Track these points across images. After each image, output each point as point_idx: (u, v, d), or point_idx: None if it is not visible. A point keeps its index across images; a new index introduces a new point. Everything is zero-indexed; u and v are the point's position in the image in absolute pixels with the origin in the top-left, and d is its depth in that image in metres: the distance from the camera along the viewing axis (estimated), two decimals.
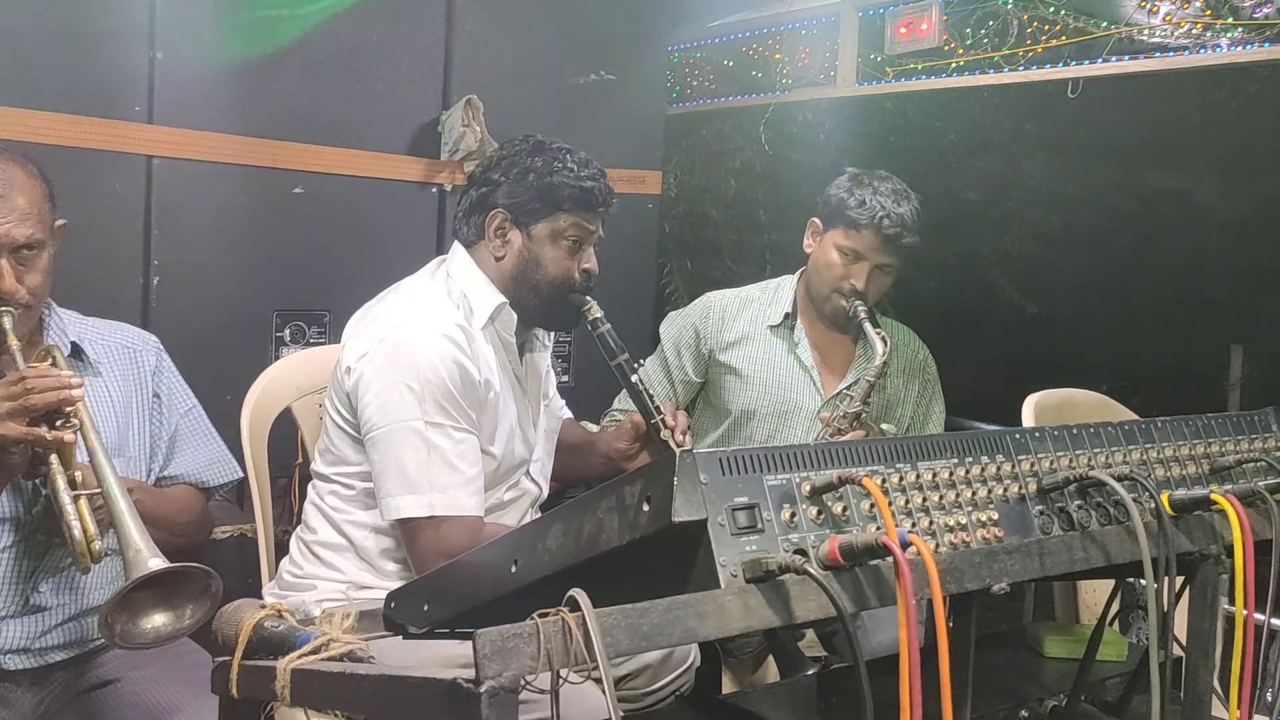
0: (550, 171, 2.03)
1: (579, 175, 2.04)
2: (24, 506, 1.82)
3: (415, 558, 1.93)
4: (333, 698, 1.16)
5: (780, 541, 1.06)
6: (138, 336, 2.08)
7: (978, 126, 3.61)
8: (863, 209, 2.46)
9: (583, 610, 0.93)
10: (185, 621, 1.57)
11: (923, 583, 1.04)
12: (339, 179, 2.75)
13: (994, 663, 1.70)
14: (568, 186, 2.03)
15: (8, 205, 1.77)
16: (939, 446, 1.21)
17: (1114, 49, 2.69)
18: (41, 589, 1.85)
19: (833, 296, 2.54)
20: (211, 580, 1.54)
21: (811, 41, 3.35)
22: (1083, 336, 3.75)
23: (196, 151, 2.54)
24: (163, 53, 2.46)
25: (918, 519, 1.15)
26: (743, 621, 1.00)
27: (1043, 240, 3.71)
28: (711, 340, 2.67)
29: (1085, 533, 1.25)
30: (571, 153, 2.07)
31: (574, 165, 2.05)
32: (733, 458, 1.06)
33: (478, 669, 0.90)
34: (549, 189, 2.03)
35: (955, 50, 2.94)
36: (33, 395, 1.64)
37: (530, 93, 3.00)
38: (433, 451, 1.89)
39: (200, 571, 1.54)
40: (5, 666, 1.82)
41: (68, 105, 2.36)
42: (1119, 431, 1.37)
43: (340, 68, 2.72)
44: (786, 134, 3.63)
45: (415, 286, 2.10)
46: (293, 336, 2.72)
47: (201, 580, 1.54)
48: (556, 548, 1.14)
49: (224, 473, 2.10)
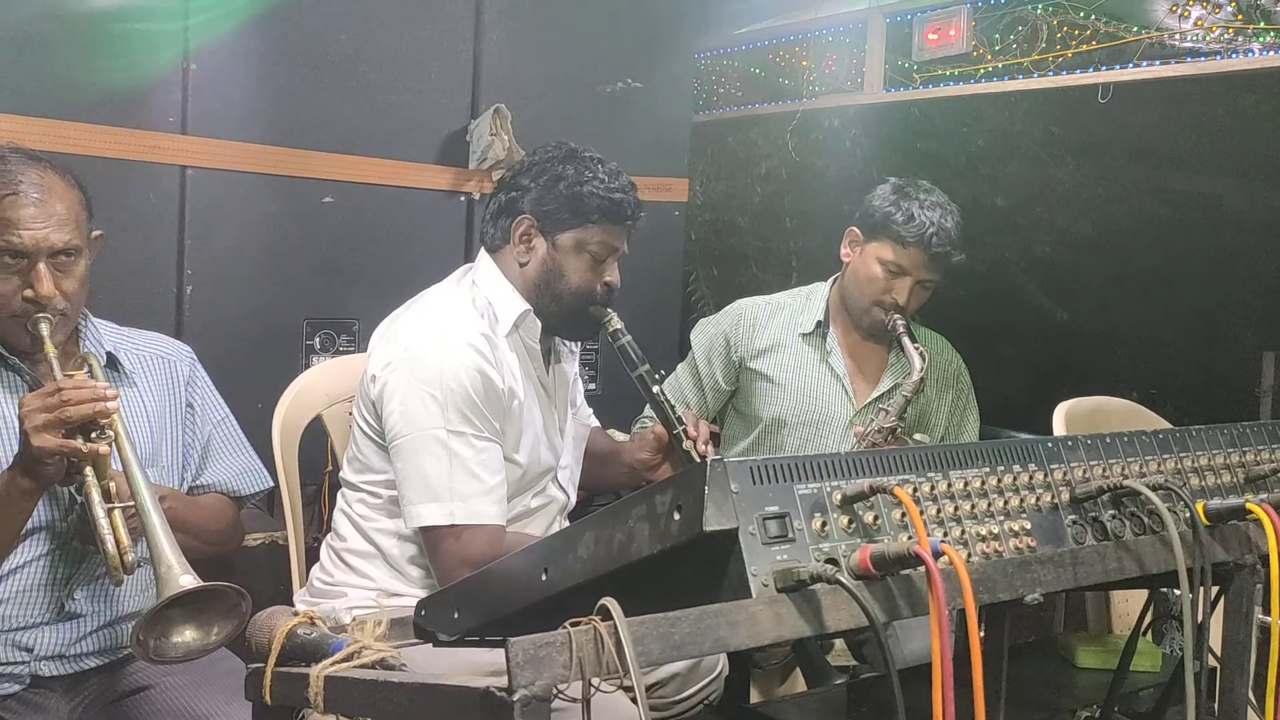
0: (581, 181, 2.02)
1: (609, 187, 2.03)
2: (59, 514, 1.84)
3: (437, 566, 1.94)
4: (365, 705, 1.17)
5: (811, 551, 1.05)
6: (172, 346, 2.10)
7: (1006, 132, 3.59)
8: (911, 225, 2.44)
9: (615, 619, 0.94)
10: (212, 639, 1.58)
11: (955, 593, 1.04)
12: (368, 188, 2.77)
13: (1026, 673, 1.69)
14: (597, 198, 2.02)
15: (46, 211, 1.79)
16: (971, 455, 1.20)
17: (1145, 54, 2.67)
18: (76, 596, 1.86)
19: (872, 309, 2.53)
20: (242, 600, 1.54)
21: (838, 48, 3.35)
22: (1113, 344, 3.71)
23: (229, 161, 2.57)
24: (196, 64, 2.49)
25: (949, 528, 1.15)
26: (774, 631, 1.00)
27: (1073, 247, 3.68)
28: (742, 348, 2.66)
29: (1119, 542, 1.24)
30: (604, 163, 2.06)
31: (605, 176, 2.03)
32: (764, 466, 1.06)
33: (510, 677, 0.90)
34: (578, 199, 2.02)
35: (984, 56, 2.92)
36: (69, 407, 1.66)
37: (558, 101, 3.01)
38: (455, 460, 1.90)
39: (232, 590, 1.55)
40: (40, 673, 1.84)
41: (103, 116, 2.39)
42: (1153, 440, 1.36)
43: (370, 78, 2.74)
44: (813, 141, 3.62)
45: (440, 295, 2.10)
46: (323, 345, 2.74)
47: (232, 599, 1.55)
48: (587, 556, 1.14)
49: (255, 482, 2.11)
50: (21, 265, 1.78)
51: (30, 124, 2.28)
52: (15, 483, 1.69)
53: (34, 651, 1.83)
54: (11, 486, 1.69)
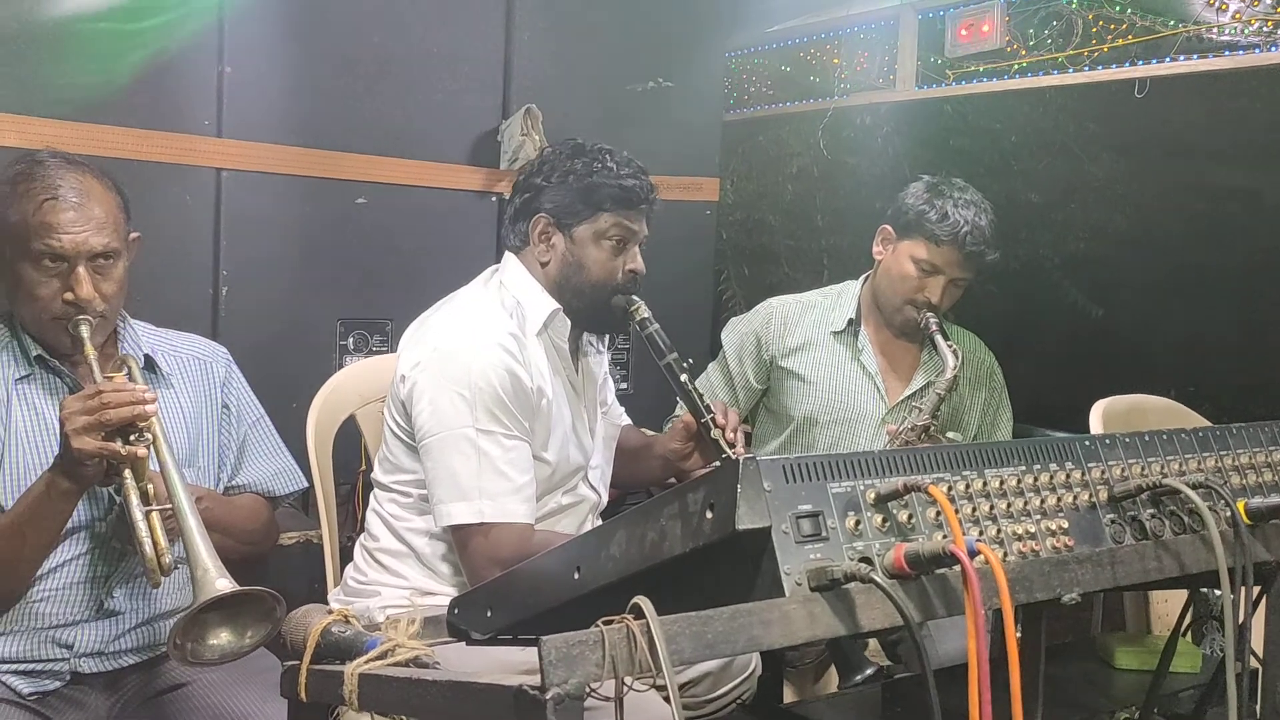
0: (590, 172, 2.03)
1: (618, 174, 2.04)
2: (99, 514, 1.86)
3: (467, 564, 1.95)
4: (399, 703, 1.17)
5: (845, 550, 1.05)
6: (208, 348, 2.12)
7: (1041, 128, 3.56)
8: (945, 223, 2.42)
9: (647, 618, 0.93)
10: (246, 642, 1.58)
11: (991, 592, 1.03)
12: (401, 189, 2.78)
13: (1064, 674, 1.68)
14: (607, 186, 2.03)
15: (85, 214, 1.81)
16: (1006, 453, 1.19)
17: (1182, 48, 2.63)
18: (115, 594, 1.89)
19: (905, 308, 2.51)
20: (277, 605, 1.55)
21: (870, 45, 3.33)
22: (1150, 341, 3.67)
23: (263, 164, 2.58)
24: (231, 67, 2.52)
25: (985, 527, 1.14)
26: (808, 630, 1.00)
27: (1108, 243, 3.64)
28: (773, 346, 2.65)
29: (1159, 542, 1.22)
30: (612, 153, 2.07)
31: (614, 164, 2.05)
32: (797, 465, 1.06)
33: (543, 676, 0.90)
34: (589, 190, 2.03)
35: (1018, 51, 2.90)
36: (108, 410, 1.67)
37: (588, 101, 3.01)
38: (483, 459, 1.91)
39: (267, 595, 1.56)
40: (80, 670, 1.86)
41: (140, 120, 2.42)
42: (1192, 438, 1.34)
43: (401, 79, 2.75)
44: (844, 139, 3.61)
45: (469, 296, 2.12)
46: (356, 345, 2.76)
47: (267, 603, 1.56)
48: (619, 555, 1.14)
49: (290, 483, 2.13)
50: (61, 268, 1.81)
51: (68, 128, 2.30)
52: (56, 484, 1.71)
53: (74, 649, 1.85)
54: (52, 487, 1.71)
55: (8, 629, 1.82)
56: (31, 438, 1.84)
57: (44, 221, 1.79)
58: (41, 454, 1.83)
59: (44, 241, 1.78)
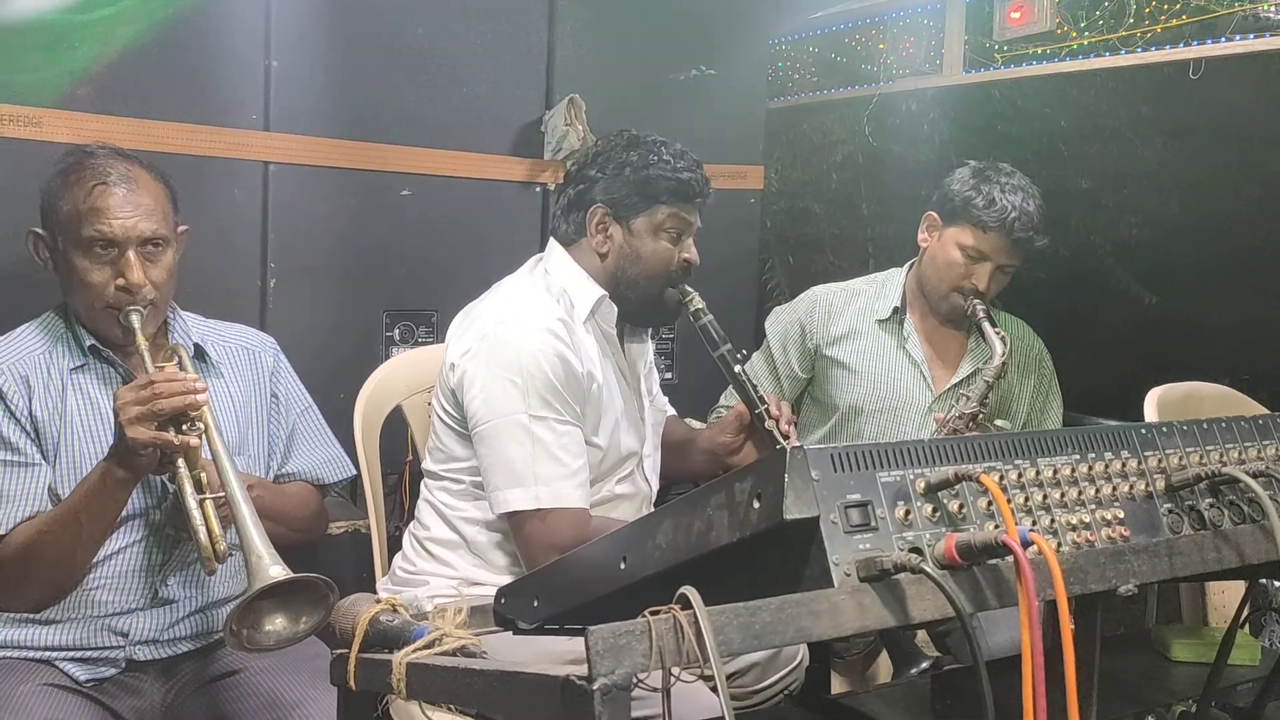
0: (646, 165, 2.04)
1: (675, 167, 2.04)
2: (153, 502, 1.89)
3: (524, 551, 1.95)
4: (447, 692, 1.17)
5: (895, 540, 1.03)
6: (256, 338, 2.14)
7: (1092, 112, 3.49)
8: (992, 209, 2.39)
9: (694, 608, 0.93)
10: (300, 628, 1.60)
11: (1045, 583, 1.01)
12: (445, 180, 2.80)
13: (1119, 667, 1.65)
14: (665, 179, 2.03)
15: (134, 201, 1.85)
16: (1060, 442, 1.17)
17: (1238, 27, 2.57)
18: (169, 582, 1.92)
19: (951, 295, 2.48)
20: (330, 591, 1.57)
21: (916, 30, 3.28)
22: (1204, 328, 3.59)
23: (310, 157, 2.61)
24: (277, 61, 2.54)
25: (1038, 517, 1.12)
26: (858, 621, 0.98)
27: (1161, 228, 3.57)
28: (818, 335, 2.63)
29: (1217, 532, 1.20)
30: (667, 145, 2.08)
31: (670, 157, 2.05)
32: (845, 454, 1.04)
33: (590, 666, 0.90)
34: (646, 182, 2.04)
35: (1069, 34, 2.84)
36: (160, 400, 1.70)
37: (632, 90, 3.00)
38: (537, 444, 1.91)
39: (320, 581, 1.57)
40: (135, 657, 1.89)
41: (189, 115, 2.45)
42: (1252, 426, 1.31)
43: (445, 71, 2.76)
44: (890, 125, 3.56)
45: (515, 284, 2.12)
46: (402, 336, 2.78)
47: (320, 589, 1.58)
48: (666, 545, 1.13)
49: (338, 470, 2.15)
50: (112, 255, 1.84)
51: (119, 123, 2.34)
52: (111, 473, 1.74)
53: (129, 636, 1.88)
54: (107, 476, 1.74)
55: (64, 617, 1.86)
56: (87, 426, 1.87)
57: (94, 207, 1.82)
58: (96, 443, 1.86)
59: (94, 227, 1.82)
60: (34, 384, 1.86)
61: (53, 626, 1.86)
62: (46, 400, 1.86)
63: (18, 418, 1.83)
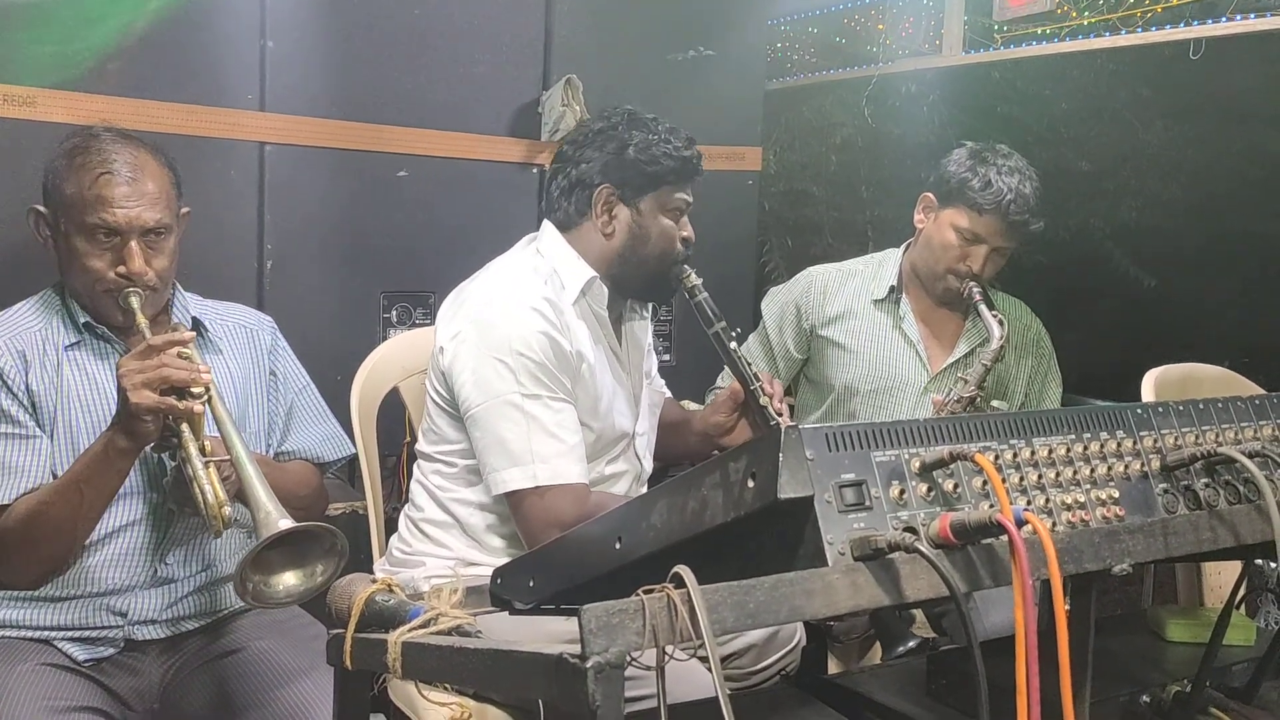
0: (649, 144, 2.03)
1: (676, 146, 2.05)
2: (152, 481, 1.89)
3: (525, 529, 1.95)
4: (442, 670, 1.18)
5: (889, 519, 1.03)
6: (254, 317, 2.14)
7: (1092, 94, 3.47)
8: (988, 191, 2.37)
9: (688, 587, 0.93)
10: (317, 580, 1.62)
11: (1039, 563, 1.01)
12: (442, 161, 2.79)
13: (1113, 647, 1.65)
14: (669, 159, 2.03)
15: (138, 190, 1.84)
16: (1055, 422, 1.17)
17: (1239, 6, 2.56)
18: (169, 560, 1.92)
19: (946, 277, 2.47)
20: (337, 539, 1.59)
21: (916, 9, 3.27)
22: (1203, 310, 3.58)
23: (306, 137, 2.60)
24: (273, 41, 2.52)
25: (1033, 497, 1.12)
26: (851, 600, 0.98)
27: (1161, 211, 3.55)
28: (813, 315, 2.63)
29: (1213, 512, 1.20)
30: (662, 123, 2.08)
31: (670, 138, 2.05)
32: (840, 433, 1.04)
33: (584, 644, 0.90)
34: (652, 161, 2.03)
35: (1069, 13, 2.83)
36: (166, 368, 1.70)
37: (629, 71, 2.99)
38: (532, 423, 1.91)
39: (326, 531, 1.59)
40: (135, 637, 1.89)
41: (184, 95, 2.44)
42: (1248, 406, 1.31)
43: (442, 51, 2.75)
44: (889, 107, 3.54)
45: (504, 264, 2.11)
46: (399, 318, 2.77)
47: (328, 539, 1.60)
48: (660, 524, 1.13)
49: (338, 448, 2.15)
50: (114, 242, 1.83)
51: (114, 103, 2.33)
52: (114, 442, 1.74)
53: (128, 616, 1.89)
54: (110, 446, 1.74)
55: (63, 595, 1.86)
56: (84, 402, 1.87)
57: (99, 195, 1.81)
58: (92, 416, 1.86)
59: (98, 215, 1.81)
60: (30, 359, 1.86)
61: (51, 606, 1.86)
62: (43, 375, 1.86)
63: (15, 392, 1.83)
